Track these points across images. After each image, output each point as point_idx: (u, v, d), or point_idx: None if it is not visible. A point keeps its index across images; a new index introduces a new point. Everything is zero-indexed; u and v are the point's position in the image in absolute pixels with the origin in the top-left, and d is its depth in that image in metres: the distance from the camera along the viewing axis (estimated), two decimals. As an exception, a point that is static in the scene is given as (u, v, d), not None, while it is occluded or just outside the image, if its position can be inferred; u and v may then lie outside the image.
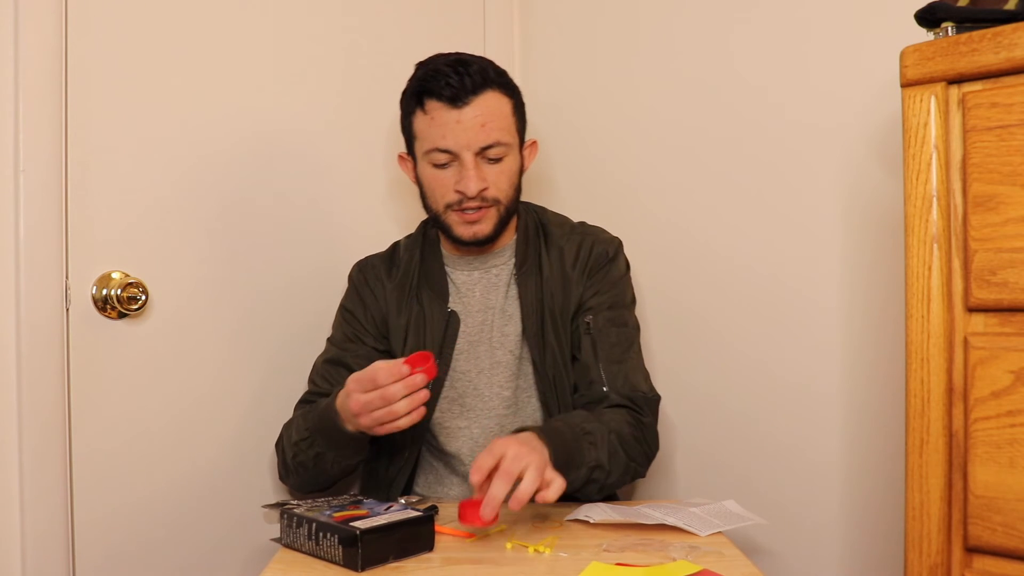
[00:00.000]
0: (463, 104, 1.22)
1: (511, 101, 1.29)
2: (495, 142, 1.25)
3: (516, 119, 1.30)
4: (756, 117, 1.48)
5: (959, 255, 0.85)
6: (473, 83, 1.22)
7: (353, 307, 1.38)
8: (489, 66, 1.26)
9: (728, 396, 1.52)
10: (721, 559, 1.02)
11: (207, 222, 1.39)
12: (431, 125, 1.25)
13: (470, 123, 1.23)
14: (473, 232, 1.29)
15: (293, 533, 1.08)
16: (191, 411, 1.37)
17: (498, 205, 1.28)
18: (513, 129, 1.29)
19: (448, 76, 1.22)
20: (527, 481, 1.01)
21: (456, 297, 1.36)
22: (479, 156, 1.25)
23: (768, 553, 1.45)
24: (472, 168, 1.24)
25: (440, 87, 1.22)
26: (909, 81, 0.87)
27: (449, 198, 1.27)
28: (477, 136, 1.23)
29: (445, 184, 1.27)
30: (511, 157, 1.29)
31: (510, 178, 1.29)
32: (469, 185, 1.24)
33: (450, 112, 1.23)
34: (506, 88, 1.28)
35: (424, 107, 1.25)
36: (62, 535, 1.23)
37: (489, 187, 1.26)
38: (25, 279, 1.19)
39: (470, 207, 1.26)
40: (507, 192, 1.29)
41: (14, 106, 1.17)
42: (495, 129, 1.24)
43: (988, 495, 0.82)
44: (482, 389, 1.33)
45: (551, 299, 1.33)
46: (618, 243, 1.40)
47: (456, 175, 1.25)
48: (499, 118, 1.25)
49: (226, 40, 1.41)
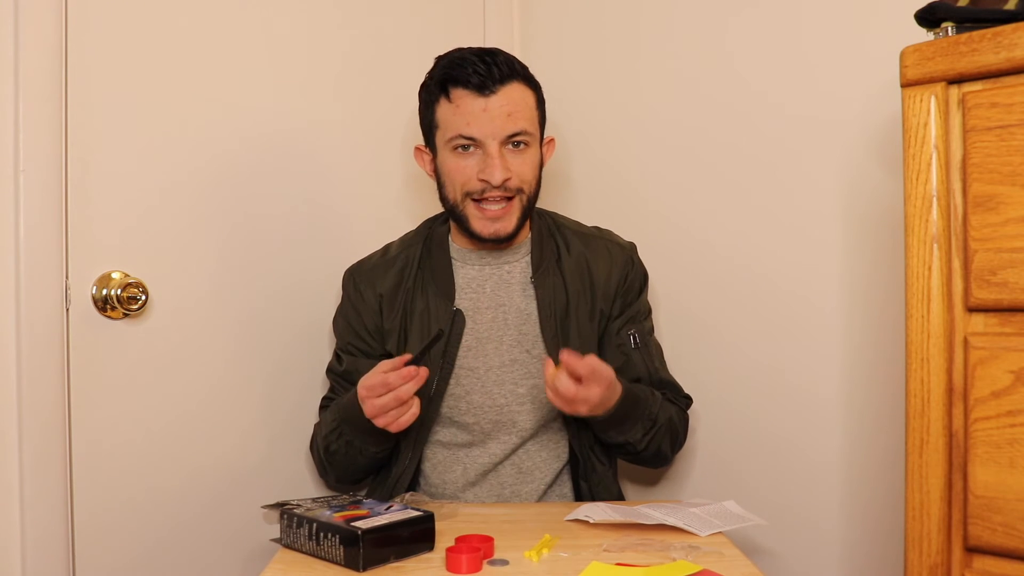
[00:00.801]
0: (490, 92, 1.23)
1: (535, 94, 1.30)
2: (521, 130, 1.26)
3: (539, 113, 1.31)
4: (755, 117, 1.48)
5: (959, 255, 0.85)
6: (501, 72, 1.23)
7: (348, 316, 1.39)
8: (514, 59, 1.28)
9: (728, 396, 1.52)
10: (721, 559, 1.02)
11: (207, 222, 1.39)
12: (456, 113, 1.25)
13: (497, 111, 1.24)
14: (494, 230, 1.28)
15: (293, 533, 1.08)
16: (191, 411, 1.37)
17: (521, 195, 1.29)
18: (536, 121, 1.30)
19: (476, 64, 1.23)
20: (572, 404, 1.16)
21: (463, 294, 1.36)
22: (503, 146, 1.26)
23: (768, 553, 1.45)
24: (497, 157, 1.24)
25: (468, 75, 1.23)
26: (909, 81, 0.87)
27: (471, 186, 1.27)
28: (504, 125, 1.24)
29: (467, 173, 1.27)
30: (534, 148, 1.30)
31: (532, 168, 1.29)
32: (494, 174, 1.24)
33: (477, 100, 1.24)
34: (530, 82, 1.30)
35: (449, 95, 1.26)
36: (62, 535, 1.23)
37: (513, 176, 1.26)
38: (25, 279, 1.18)
39: (493, 196, 1.26)
40: (530, 182, 1.30)
41: (14, 106, 1.17)
42: (521, 118, 1.25)
43: (988, 495, 0.82)
44: (491, 387, 1.33)
45: (576, 300, 1.34)
46: (634, 247, 1.43)
47: (480, 164, 1.26)
48: (524, 108, 1.26)
49: (226, 39, 1.41)
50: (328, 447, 1.32)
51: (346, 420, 1.26)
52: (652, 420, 1.29)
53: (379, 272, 1.38)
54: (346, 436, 1.28)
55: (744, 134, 1.50)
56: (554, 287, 1.34)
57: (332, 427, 1.30)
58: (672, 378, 1.41)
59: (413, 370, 1.13)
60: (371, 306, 1.37)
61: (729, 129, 1.51)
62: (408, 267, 1.37)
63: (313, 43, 1.52)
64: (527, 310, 1.35)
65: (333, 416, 1.30)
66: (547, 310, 1.33)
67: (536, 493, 1.36)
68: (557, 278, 1.35)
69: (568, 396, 1.14)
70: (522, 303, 1.35)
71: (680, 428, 1.37)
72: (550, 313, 1.33)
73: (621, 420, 1.25)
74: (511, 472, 1.36)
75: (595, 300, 1.35)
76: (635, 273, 1.40)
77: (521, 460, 1.36)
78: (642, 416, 1.28)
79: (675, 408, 1.37)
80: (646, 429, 1.29)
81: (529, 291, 1.35)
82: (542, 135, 1.34)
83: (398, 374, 1.13)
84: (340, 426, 1.28)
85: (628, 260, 1.39)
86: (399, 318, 1.35)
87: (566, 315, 1.34)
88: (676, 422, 1.35)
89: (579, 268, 1.36)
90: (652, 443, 1.31)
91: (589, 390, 1.14)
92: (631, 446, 1.30)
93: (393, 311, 1.35)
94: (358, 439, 1.27)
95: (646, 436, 1.29)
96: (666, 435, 1.33)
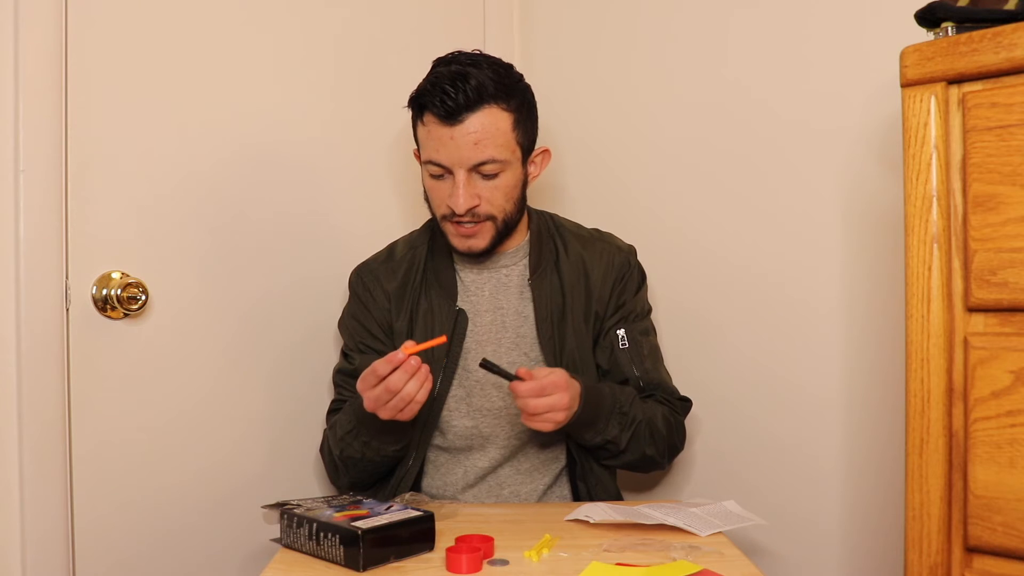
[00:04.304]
0: (456, 122, 1.21)
1: (512, 116, 1.25)
2: (489, 159, 1.23)
3: (518, 133, 1.26)
4: (755, 118, 1.48)
5: (959, 255, 0.85)
6: (467, 100, 1.20)
7: (358, 315, 1.38)
8: (490, 80, 1.22)
9: (728, 396, 1.52)
10: (721, 559, 1.02)
11: (207, 222, 1.39)
12: (428, 137, 1.25)
13: (463, 140, 1.21)
14: (468, 246, 1.29)
15: (293, 533, 1.08)
16: (191, 411, 1.37)
17: (494, 220, 1.28)
18: (512, 144, 1.26)
19: (445, 90, 1.20)
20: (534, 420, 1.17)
21: (464, 296, 1.36)
22: (471, 173, 1.24)
23: (768, 553, 1.45)
24: (463, 186, 1.23)
25: (436, 102, 1.21)
26: (909, 81, 0.87)
27: (443, 210, 1.28)
28: (470, 153, 1.22)
29: (440, 196, 1.27)
30: (508, 172, 1.26)
31: (506, 193, 1.27)
32: (458, 203, 1.24)
33: (443, 128, 1.22)
34: (507, 101, 1.24)
35: (423, 119, 1.26)
36: (62, 535, 1.23)
37: (481, 203, 1.25)
38: (25, 279, 1.18)
39: (462, 221, 1.27)
40: (502, 206, 1.28)
41: (14, 106, 1.17)
42: (490, 146, 1.22)
43: (988, 495, 0.82)
44: (490, 389, 1.33)
45: (573, 302, 1.34)
46: (634, 250, 1.42)
47: (450, 189, 1.25)
48: (494, 135, 1.22)
49: (226, 39, 1.41)
50: (343, 451, 1.30)
51: (361, 421, 1.25)
52: (624, 415, 1.27)
53: (386, 271, 1.38)
54: (363, 437, 1.26)
55: (744, 135, 1.50)
56: (551, 289, 1.34)
57: (348, 428, 1.28)
58: (666, 380, 1.39)
59: (400, 356, 1.11)
60: (381, 304, 1.37)
61: (729, 130, 1.51)
62: (413, 268, 1.37)
63: (313, 44, 1.52)
64: (524, 312, 1.35)
65: (348, 418, 1.28)
66: (543, 312, 1.33)
67: (535, 494, 1.36)
68: (554, 280, 1.35)
69: (542, 408, 1.16)
70: (519, 306, 1.35)
71: (667, 430, 1.32)
72: (546, 315, 1.33)
73: (592, 419, 1.24)
74: (510, 473, 1.36)
75: (590, 302, 1.35)
76: (631, 274, 1.39)
77: (520, 462, 1.36)
78: (613, 412, 1.26)
79: (664, 408, 1.34)
80: (622, 425, 1.26)
81: (527, 293, 1.35)
82: (526, 153, 1.31)
83: (384, 360, 1.12)
84: (356, 427, 1.26)
85: (625, 262, 1.39)
86: (406, 319, 1.35)
87: (562, 317, 1.34)
88: (659, 423, 1.31)
89: (577, 269, 1.36)
90: (633, 442, 1.28)
91: (553, 399, 1.16)
92: (612, 445, 1.27)
93: (401, 311, 1.35)
94: (375, 439, 1.26)
95: (624, 433, 1.27)
96: (646, 434, 1.29)
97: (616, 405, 1.27)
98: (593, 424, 1.25)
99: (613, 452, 1.30)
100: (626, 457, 1.31)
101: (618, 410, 1.27)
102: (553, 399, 1.16)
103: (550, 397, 1.16)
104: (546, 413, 1.16)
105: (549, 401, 1.16)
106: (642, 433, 1.29)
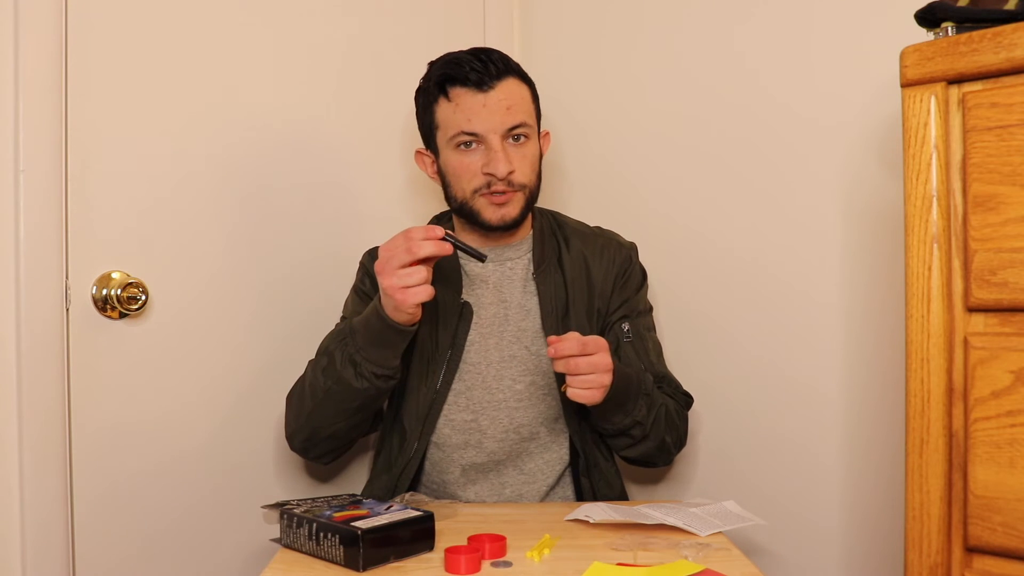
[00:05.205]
0: (488, 88, 1.26)
1: (530, 89, 1.33)
2: (521, 123, 1.28)
3: (535, 107, 1.34)
4: (755, 116, 1.48)
5: (959, 255, 0.85)
6: (497, 69, 1.27)
7: (365, 291, 1.38)
8: (507, 56, 1.31)
9: (728, 395, 1.52)
10: (721, 559, 1.02)
11: (207, 222, 1.39)
12: (456, 111, 1.27)
13: (496, 106, 1.26)
14: (502, 215, 1.30)
15: (293, 533, 1.08)
16: (191, 411, 1.37)
17: (524, 190, 1.31)
18: (533, 115, 1.33)
19: (472, 62, 1.26)
20: (579, 383, 1.13)
21: (469, 288, 1.36)
22: (504, 140, 1.27)
23: (768, 553, 1.45)
24: (500, 150, 1.26)
25: (465, 72, 1.26)
26: (909, 81, 0.87)
27: (477, 182, 1.29)
28: (504, 118, 1.26)
29: (472, 169, 1.28)
30: (533, 141, 1.32)
31: (532, 164, 1.32)
32: (499, 167, 1.26)
33: (476, 96, 1.26)
34: (524, 78, 1.33)
35: (448, 94, 1.28)
36: (62, 535, 1.23)
37: (516, 171, 1.28)
38: (25, 279, 1.18)
39: (499, 190, 1.28)
40: (531, 177, 1.31)
41: (14, 106, 1.17)
42: (520, 111, 1.28)
43: (988, 495, 0.82)
44: (490, 382, 1.33)
45: (575, 298, 1.35)
46: (635, 248, 1.43)
47: (484, 159, 1.28)
48: (522, 102, 1.29)
49: (226, 39, 1.41)
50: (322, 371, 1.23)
51: (354, 329, 1.20)
52: (649, 395, 1.26)
53: None
54: (351, 348, 1.20)
55: (744, 134, 1.50)
56: (555, 284, 1.35)
57: (338, 339, 1.23)
58: (670, 374, 1.39)
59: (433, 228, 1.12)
60: None
61: (729, 129, 1.51)
62: None
63: (312, 43, 1.52)
64: (527, 306, 1.35)
65: (338, 329, 1.26)
66: (548, 306, 1.34)
67: (538, 495, 1.36)
68: (558, 275, 1.36)
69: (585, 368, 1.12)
70: (523, 299, 1.36)
71: (679, 422, 1.34)
72: (551, 310, 1.34)
73: (624, 397, 1.22)
74: (513, 474, 1.36)
75: (592, 298, 1.36)
76: (633, 271, 1.40)
77: (523, 462, 1.36)
78: (640, 392, 1.25)
79: (673, 401, 1.35)
80: (649, 406, 1.26)
81: (531, 287, 1.36)
82: (539, 129, 1.36)
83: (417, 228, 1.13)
84: (348, 337, 1.21)
85: (627, 259, 1.40)
86: None
87: (566, 313, 1.34)
88: (673, 413, 1.33)
89: (579, 266, 1.37)
90: (655, 426, 1.28)
91: (596, 358, 1.13)
92: (639, 428, 1.26)
93: None
94: (362, 352, 1.19)
95: (650, 414, 1.26)
96: (665, 420, 1.30)
97: (643, 386, 1.26)
98: (623, 404, 1.23)
99: (637, 437, 1.28)
100: (647, 444, 1.29)
101: (644, 391, 1.26)
102: (596, 358, 1.13)
103: (594, 356, 1.13)
104: (590, 375, 1.13)
105: (593, 360, 1.12)
106: (662, 418, 1.29)
